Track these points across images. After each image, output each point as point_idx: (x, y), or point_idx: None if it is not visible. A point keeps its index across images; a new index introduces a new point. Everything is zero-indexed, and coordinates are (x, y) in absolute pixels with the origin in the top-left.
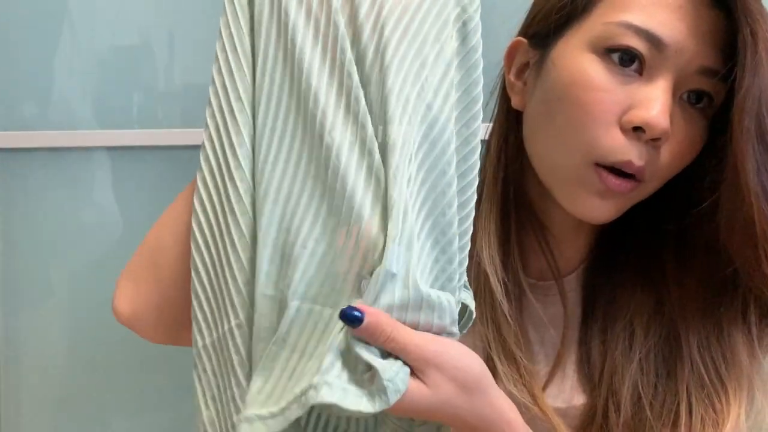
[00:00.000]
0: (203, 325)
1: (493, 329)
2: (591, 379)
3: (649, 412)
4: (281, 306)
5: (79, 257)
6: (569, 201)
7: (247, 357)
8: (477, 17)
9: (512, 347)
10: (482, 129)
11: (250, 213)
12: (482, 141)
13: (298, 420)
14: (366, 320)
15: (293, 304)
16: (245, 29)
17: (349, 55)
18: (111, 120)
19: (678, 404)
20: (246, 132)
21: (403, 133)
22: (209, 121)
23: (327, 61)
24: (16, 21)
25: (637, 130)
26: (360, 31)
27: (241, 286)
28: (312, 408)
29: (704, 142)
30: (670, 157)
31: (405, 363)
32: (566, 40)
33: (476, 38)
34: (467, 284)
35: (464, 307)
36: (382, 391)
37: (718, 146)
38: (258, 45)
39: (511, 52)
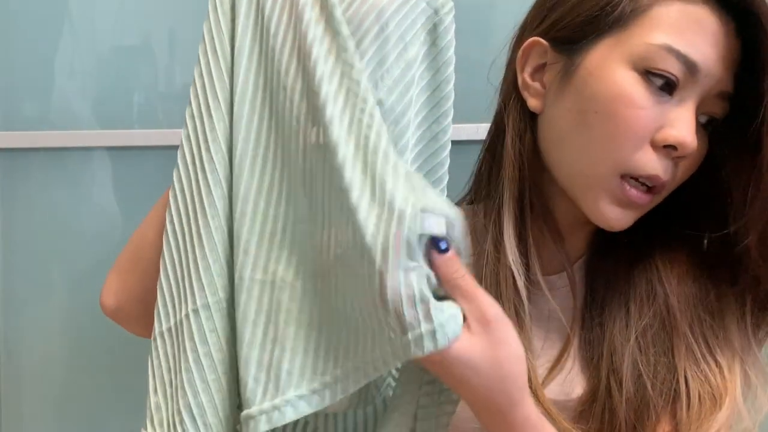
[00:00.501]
0: (162, 312)
1: None
2: (591, 361)
3: (650, 389)
4: (272, 288)
5: (79, 257)
6: (591, 208)
7: (201, 342)
8: (448, 19)
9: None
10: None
11: (218, 210)
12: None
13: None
14: (449, 253)
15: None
16: (226, 34)
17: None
18: (111, 120)
19: (677, 381)
20: (221, 130)
21: (344, 132)
22: (188, 120)
23: (301, 64)
24: (17, 21)
25: (668, 147)
26: (330, 33)
27: (202, 273)
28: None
29: (703, 157)
30: (683, 172)
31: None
32: (603, 52)
33: (447, 39)
34: None
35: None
36: (433, 333)
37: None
38: (239, 48)
39: (526, 53)
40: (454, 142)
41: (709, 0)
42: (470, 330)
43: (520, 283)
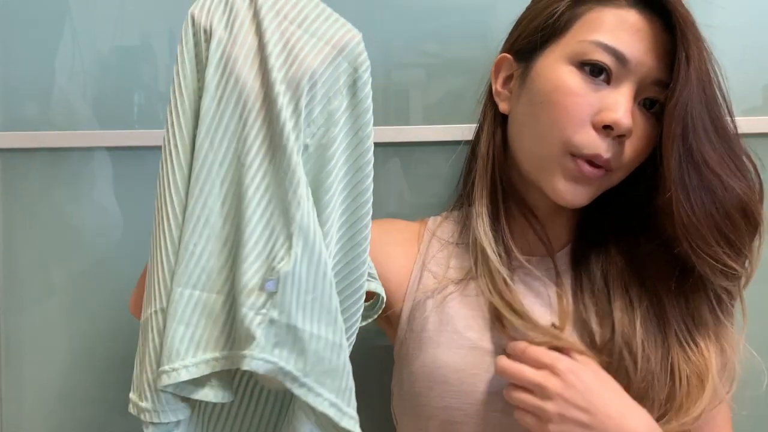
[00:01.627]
0: (144, 303)
1: (497, 295)
2: (596, 341)
3: (654, 365)
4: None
5: (79, 257)
6: (549, 186)
7: (158, 336)
8: (366, 75)
9: (517, 306)
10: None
11: (180, 221)
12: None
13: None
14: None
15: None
16: (191, 77)
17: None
18: (112, 120)
19: (671, 360)
20: (184, 159)
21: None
22: (163, 144)
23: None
24: (18, 22)
25: (606, 128)
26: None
27: (161, 279)
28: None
29: (657, 140)
30: (631, 152)
31: None
32: (547, 55)
33: (365, 92)
34: (373, 274)
35: (375, 295)
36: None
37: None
38: (204, 90)
39: (498, 66)
40: (453, 142)
41: (635, 3)
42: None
43: (491, 254)
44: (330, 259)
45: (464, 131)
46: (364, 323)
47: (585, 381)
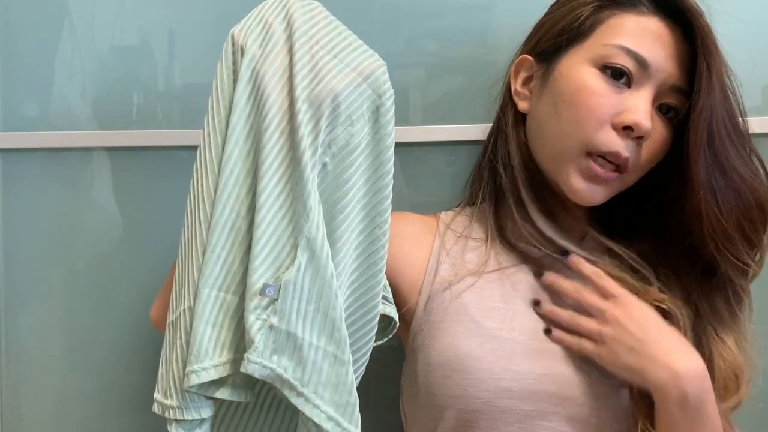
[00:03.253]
0: (170, 306)
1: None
2: None
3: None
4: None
5: (79, 257)
6: (565, 184)
7: (185, 335)
8: (389, 103)
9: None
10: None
11: (208, 222)
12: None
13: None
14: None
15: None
16: (228, 91)
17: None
18: (111, 120)
19: (711, 357)
20: (218, 167)
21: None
22: (198, 152)
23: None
24: (17, 22)
25: (626, 129)
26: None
27: (191, 280)
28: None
29: (669, 145)
30: (647, 154)
31: None
32: (570, 57)
33: (387, 118)
34: (388, 297)
35: (388, 318)
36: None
37: (677, 151)
38: (235, 105)
39: (518, 67)
40: (453, 142)
41: (657, 11)
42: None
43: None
44: (335, 274)
45: (464, 131)
46: (375, 344)
47: (646, 315)
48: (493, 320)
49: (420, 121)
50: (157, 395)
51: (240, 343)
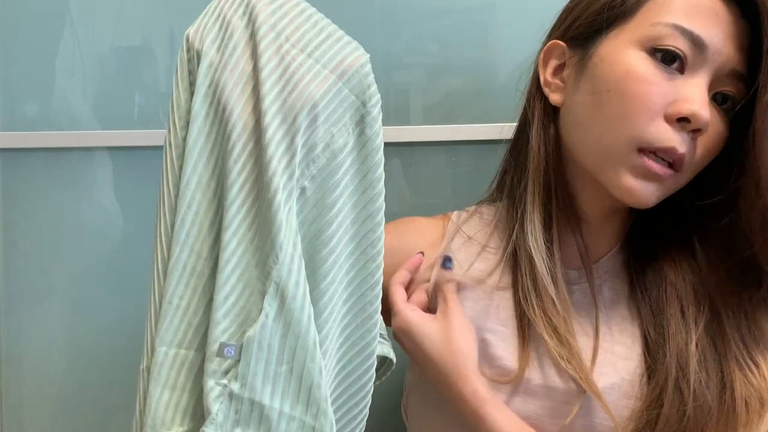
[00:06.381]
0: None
1: (541, 314)
2: (651, 356)
3: (709, 395)
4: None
5: (79, 257)
6: (614, 184)
7: (142, 397)
8: (375, 111)
9: (561, 330)
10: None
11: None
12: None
13: None
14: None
15: (160, 350)
16: (185, 107)
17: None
18: (112, 120)
19: (729, 387)
20: (174, 194)
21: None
22: (160, 185)
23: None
24: (18, 22)
25: (682, 120)
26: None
27: (149, 336)
28: None
29: (725, 141)
30: (703, 150)
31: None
32: (612, 40)
33: (374, 129)
34: (384, 336)
35: (383, 358)
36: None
37: (734, 145)
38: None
39: (547, 55)
40: (454, 143)
41: None
42: (434, 317)
43: (541, 269)
44: (324, 320)
45: (465, 131)
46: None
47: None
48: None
49: (421, 121)
50: None
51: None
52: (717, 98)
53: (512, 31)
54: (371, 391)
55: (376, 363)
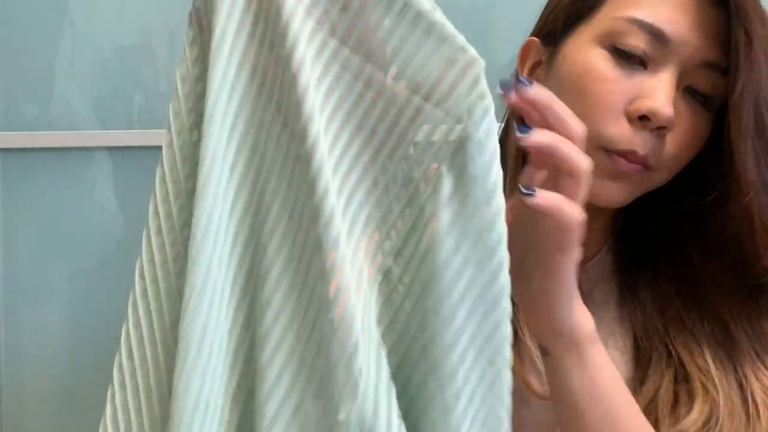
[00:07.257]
0: None
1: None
2: (642, 361)
3: (732, 396)
4: None
5: (79, 257)
6: None
7: None
8: (480, 133)
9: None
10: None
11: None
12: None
13: None
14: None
15: None
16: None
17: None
18: (112, 120)
19: (748, 389)
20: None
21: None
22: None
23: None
24: (18, 22)
25: (643, 119)
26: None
27: None
28: None
29: (708, 133)
30: (676, 148)
31: None
32: (576, 36)
33: (482, 161)
34: None
35: None
36: None
37: (718, 143)
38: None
39: (524, 52)
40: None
41: None
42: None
43: None
44: None
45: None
46: None
47: None
48: None
49: None
50: None
51: None
52: (690, 90)
53: (512, 31)
54: None
55: None
